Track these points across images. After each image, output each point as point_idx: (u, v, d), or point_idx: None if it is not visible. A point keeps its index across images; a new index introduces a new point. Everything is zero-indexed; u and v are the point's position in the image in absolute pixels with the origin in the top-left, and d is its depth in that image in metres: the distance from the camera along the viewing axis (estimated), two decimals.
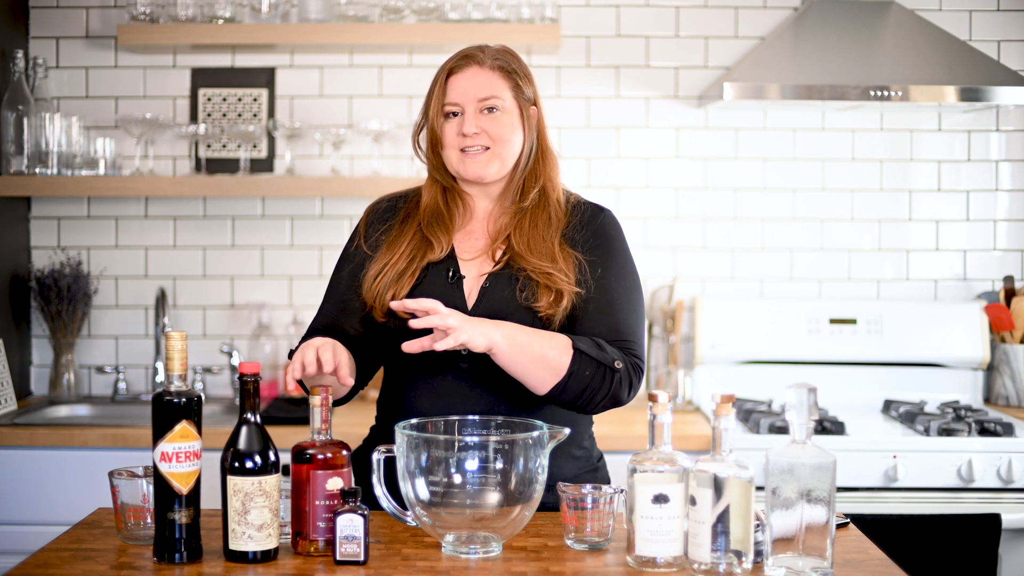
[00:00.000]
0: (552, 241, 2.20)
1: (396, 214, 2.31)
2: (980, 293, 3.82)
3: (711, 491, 1.76)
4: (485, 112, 2.21)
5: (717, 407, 1.79)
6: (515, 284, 2.18)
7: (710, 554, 1.77)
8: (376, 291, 2.20)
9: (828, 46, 3.53)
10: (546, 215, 2.24)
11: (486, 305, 2.18)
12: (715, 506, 1.76)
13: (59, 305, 3.63)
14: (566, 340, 2.10)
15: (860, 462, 3.15)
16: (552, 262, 2.17)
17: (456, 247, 2.25)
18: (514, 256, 2.19)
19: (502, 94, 2.22)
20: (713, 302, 3.71)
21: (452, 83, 2.22)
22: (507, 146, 2.22)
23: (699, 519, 1.77)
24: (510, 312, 2.16)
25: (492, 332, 2.04)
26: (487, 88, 2.21)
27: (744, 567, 1.78)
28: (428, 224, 2.25)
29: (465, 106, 2.21)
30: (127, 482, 1.98)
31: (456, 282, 2.21)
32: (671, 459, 1.82)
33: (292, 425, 3.18)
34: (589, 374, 2.10)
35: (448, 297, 2.19)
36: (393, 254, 2.23)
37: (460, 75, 2.22)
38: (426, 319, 2.01)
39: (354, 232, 2.34)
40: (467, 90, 2.21)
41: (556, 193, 2.27)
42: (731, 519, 1.76)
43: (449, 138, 2.22)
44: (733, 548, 1.77)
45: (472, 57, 2.23)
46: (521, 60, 2.29)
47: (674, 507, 1.81)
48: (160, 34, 3.55)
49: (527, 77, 2.27)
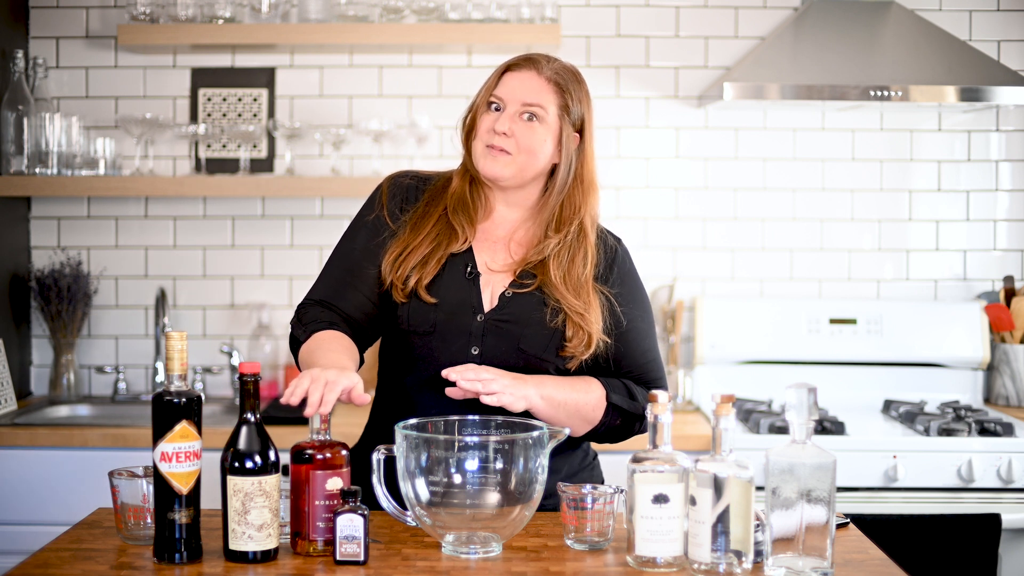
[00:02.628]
0: (588, 281, 2.20)
1: (419, 195, 2.28)
2: (980, 293, 3.82)
3: (711, 491, 1.76)
4: (524, 117, 2.18)
5: (717, 407, 1.79)
6: (545, 305, 2.19)
7: (710, 554, 1.77)
8: (400, 271, 2.18)
9: (828, 46, 3.53)
10: (583, 252, 2.22)
11: (505, 313, 2.18)
12: (715, 506, 1.76)
13: (59, 305, 3.63)
14: (601, 392, 2.20)
15: (860, 462, 3.15)
16: (586, 304, 2.18)
17: (475, 249, 2.24)
18: (548, 284, 2.18)
19: (547, 106, 2.18)
20: (713, 302, 3.71)
21: (505, 79, 2.21)
22: (531, 157, 2.19)
23: (699, 519, 1.77)
24: (532, 323, 2.17)
25: (531, 394, 2.09)
26: (534, 95, 2.18)
27: (744, 567, 1.78)
28: (454, 211, 2.24)
29: (508, 104, 2.19)
30: (127, 482, 1.98)
31: (473, 279, 2.21)
32: (671, 459, 1.82)
33: (292, 425, 3.17)
34: (620, 423, 2.23)
35: (464, 292, 2.19)
36: (417, 235, 2.21)
37: (515, 74, 2.21)
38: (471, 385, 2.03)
39: (371, 201, 2.29)
40: (516, 90, 2.19)
41: (593, 229, 2.25)
42: (731, 519, 1.76)
43: (482, 129, 2.21)
44: (733, 548, 1.77)
45: (533, 61, 2.21)
46: (583, 84, 2.24)
47: (674, 507, 1.81)
48: (160, 34, 3.55)
49: (581, 102, 2.22)
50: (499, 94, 2.20)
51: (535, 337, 2.17)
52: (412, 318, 2.18)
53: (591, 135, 2.24)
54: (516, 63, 2.22)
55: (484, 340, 2.17)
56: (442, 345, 2.17)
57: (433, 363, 2.17)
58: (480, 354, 2.16)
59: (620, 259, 2.28)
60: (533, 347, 2.17)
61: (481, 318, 2.18)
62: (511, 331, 2.17)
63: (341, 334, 2.18)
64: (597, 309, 2.19)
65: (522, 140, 2.18)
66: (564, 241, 2.21)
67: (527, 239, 2.25)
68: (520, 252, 2.24)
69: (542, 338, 2.17)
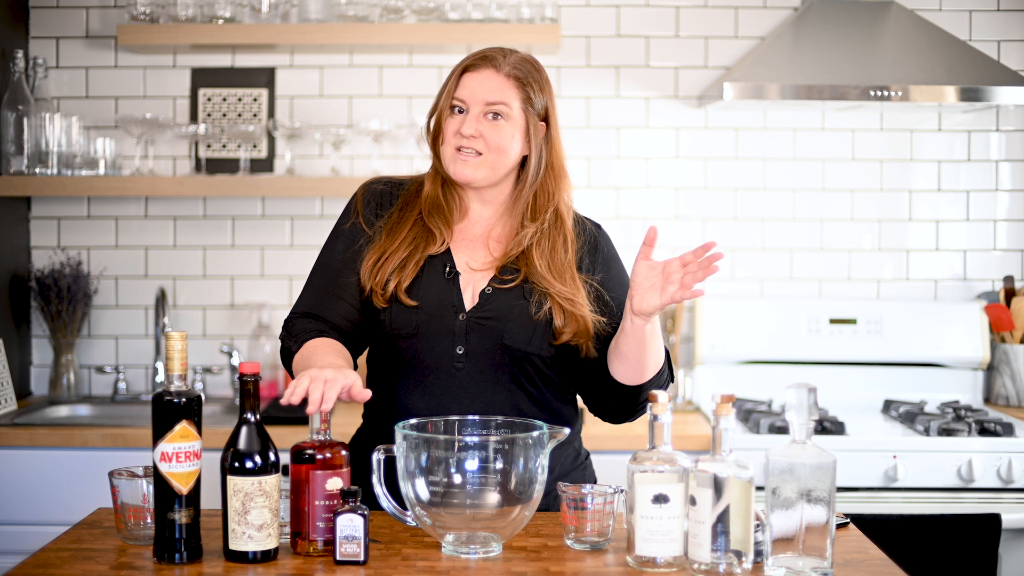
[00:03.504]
0: (571, 266, 2.21)
1: (393, 200, 2.29)
2: (980, 293, 3.82)
3: (711, 491, 1.76)
4: (489, 117, 2.19)
5: (717, 407, 1.79)
6: (527, 298, 2.18)
7: (710, 554, 1.77)
8: (378, 276, 2.19)
9: (828, 46, 3.53)
10: (562, 238, 2.23)
11: (487, 310, 2.19)
12: (715, 506, 1.76)
13: (59, 305, 3.63)
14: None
15: (860, 462, 3.15)
16: (574, 289, 2.18)
17: (454, 249, 2.24)
18: (533, 274, 2.19)
19: (511, 102, 2.19)
20: (713, 302, 3.71)
21: (465, 80, 2.21)
22: (501, 155, 2.19)
23: (699, 519, 1.77)
24: (514, 318, 2.17)
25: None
26: (496, 93, 2.18)
27: (744, 567, 1.78)
28: (429, 214, 2.24)
29: (471, 106, 2.19)
30: (127, 482, 1.98)
31: (452, 278, 2.21)
32: (671, 459, 1.82)
33: (292, 425, 3.18)
34: (665, 377, 2.18)
35: (444, 293, 2.19)
36: (393, 241, 2.22)
37: (474, 74, 2.20)
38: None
39: (347, 209, 2.31)
40: (476, 91, 2.19)
41: (569, 215, 2.27)
42: (731, 519, 1.76)
43: (448, 133, 2.21)
44: (733, 548, 1.77)
45: (490, 59, 2.21)
46: (542, 72, 2.25)
47: (674, 507, 1.81)
48: (160, 34, 3.55)
49: (543, 91, 2.23)
50: (461, 96, 2.20)
51: (517, 331, 2.17)
52: (395, 322, 2.19)
53: (556, 121, 2.25)
54: (473, 63, 2.21)
55: (468, 339, 2.18)
56: (426, 346, 2.18)
57: (419, 365, 2.19)
58: (465, 353, 2.17)
59: (602, 244, 2.29)
60: (517, 341, 2.18)
61: (463, 317, 2.18)
62: (494, 327, 2.18)
63: (332, 340, 2.19)
64: (583, 293, 2.19)
65: (490, 139, 2.18)
66: (542, 229, 2.22)
67: (505, 234, 2.26)
68: (499, 248, 2.25)
69: (525, 331, 2.18)
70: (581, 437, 2.37)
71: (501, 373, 2.19)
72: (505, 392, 2.19)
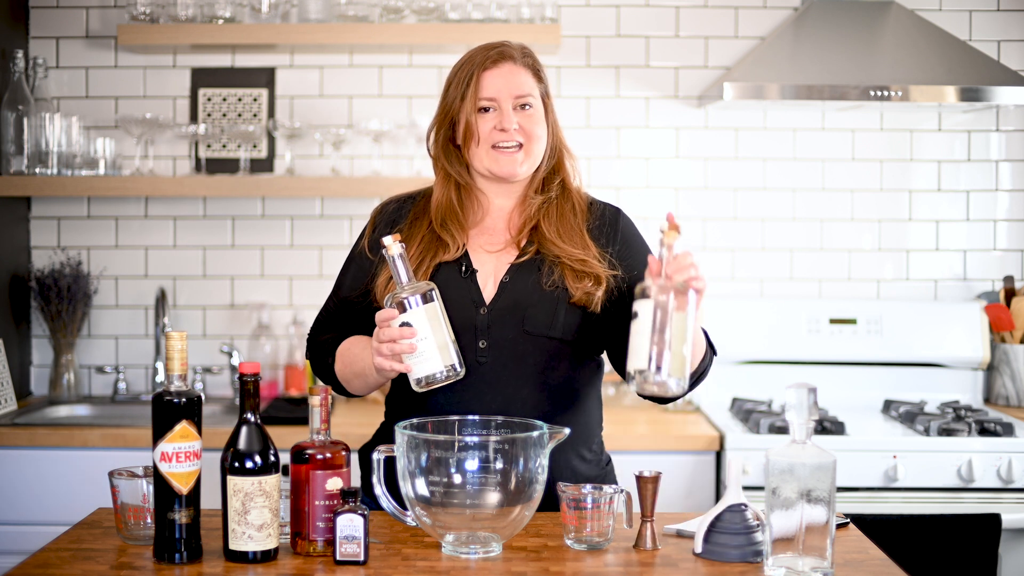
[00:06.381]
0: (581, 229, 2.25)
1: (404, 216, 2.31)
2: (980, 293, 3.82)
3: (651, 304, 1.85)
4: (519, 109, 2.23)
5: (665, 233, 1.89)
6: (540, 271, 2.20)
7: (646, 360, 1.84)
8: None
9: (828, 46, 3.53)
10: (570, 204, 2.29)
11: (507, 298, 2.20)
12: (652, 320, 1.84)
13: (59, 305, 3.63)
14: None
15: (860, 462, 3.15)
16: (584, 248, 2.22)
17: (470, 244, 2.26)
18: (544, 243, 2.22)
19: (533, 91, 2.25)
20: (713, 302, 3.70)
21: (487, 78, 2.22)
22: (538, 143, 2.25)
23: (638, 331, 1.85)
24: (533, 303, 2.18)
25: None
26: (523, 85, 2.23)
27: (658, 379, 1.83)
28: (442, 223, 2.26)
29: (501, 102, 2.22)
30: (127, 482, 1.98)
31: (470, 276, 2.22)
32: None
33: (292, 425, 3.18)
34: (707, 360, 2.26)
35: (463, 292, 2.20)
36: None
37: (495, 71, 2.23)
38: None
39: (363, 230, 2.35)
40: (503, 86, 2.22)
41: (576, 185, 2.33)
42: (670, 334, 1.84)
43: (484, 132, 2.23)
44: (668, 362, 1.83)
45: (506, 54, 2.25)
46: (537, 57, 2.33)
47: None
48: (160, 34, 3.55)
49: (547, 78, 2.31)
50: (489, 95, 2.22)
51: (538, 316, 2.19)
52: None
53: (552, 102, 2.32)
54: (491, 61, 2.24)
55: (490, 332, 2.18)
56: None
57: None
58: (488, 346, 2.18)
59: (623, 222, 2.33)
60: (538, 327, 2.19)
61: (484, 311, 2.19)
62: (514, 317, 2.18)
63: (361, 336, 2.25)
64: (595, 252, 2.22)
65: (528, 129, 2.23)
66: (549, 199, 2.27)
67: (521, 221, 2.29)
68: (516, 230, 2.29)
69: (546, 316, 2.19)
70: (603, 442, 2.36)
71: (525, 364, 2.19)
72: (529, 387, 2.19)
